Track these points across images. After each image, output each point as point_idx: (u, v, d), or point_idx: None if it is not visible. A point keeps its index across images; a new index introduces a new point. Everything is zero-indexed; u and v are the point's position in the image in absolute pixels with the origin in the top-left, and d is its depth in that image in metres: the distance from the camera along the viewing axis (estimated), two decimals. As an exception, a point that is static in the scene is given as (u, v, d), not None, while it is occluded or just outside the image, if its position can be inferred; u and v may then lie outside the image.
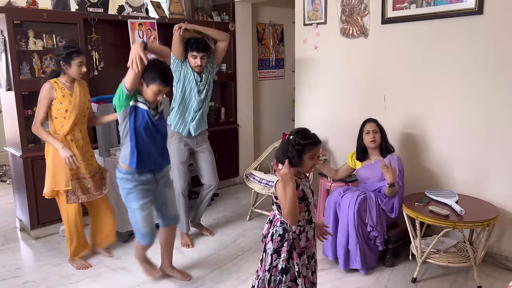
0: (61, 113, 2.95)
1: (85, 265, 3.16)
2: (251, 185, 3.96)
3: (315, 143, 2.05)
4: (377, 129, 3.13)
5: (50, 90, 2.91)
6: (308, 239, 2.10)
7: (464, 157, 3.18)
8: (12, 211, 4.18)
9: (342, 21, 3.79)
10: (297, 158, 2.02)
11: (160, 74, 2.45)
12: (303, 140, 2.03)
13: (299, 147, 2.03)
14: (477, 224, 2.67)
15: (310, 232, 2.11)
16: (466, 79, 3.10)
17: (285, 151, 2.05)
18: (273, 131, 5.68)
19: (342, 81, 3.91)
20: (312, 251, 2.14)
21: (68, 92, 2.96)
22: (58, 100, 2.92)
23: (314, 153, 2.06)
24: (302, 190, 2.06)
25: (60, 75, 2.98)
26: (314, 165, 2.09)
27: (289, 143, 2.05)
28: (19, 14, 3.42)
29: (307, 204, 2.08)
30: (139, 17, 4.10)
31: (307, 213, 2.08)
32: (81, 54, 2.95)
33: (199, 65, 3.30)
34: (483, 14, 2.96)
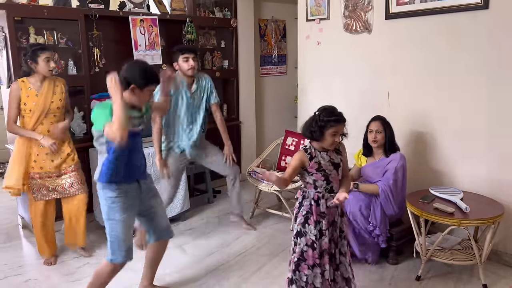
0: (26, 112, 2.99)
1: (50, 262, 3.18)
2: (254, 182, 3.94)
3: (338, 121, 2.20)
4: (381, 128, 3.07)
5: (16, 89, 2.95)
6: (327, 207, 2.25)
7: (469, 154, 3.15)
8: (14, 208, 4.17)
9: (345, 16, 3.75)
10: (318, 133, 2.20)
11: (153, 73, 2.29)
12: (327, 116, 2.19)
13: (321, 123, 2.19)
14: (482, 222, 2.64)
15: (331, 200, 2.24)
16: (472, 75, 3.07)
17: (309, 125, 2.23)
18: (275, 128, 5.65)
19: (345, 77, 3.87)
20: (332, 219, 2.28)
21: (34, 92, 2.96)
22: (23, 101, 2.95)
23: (336, 130, 2.20)
24: (317, 162, 2.23)
25: (31, 75, 2.99)
26: (335, 142, 2.23)
27: (313, 119, 2.22)
28: (20, 10, 3.40)
29: (325, 175, 2.24)
30: (140, 13, 4.07)
31: (325, 182, 2.25)
32: (46, 50, 2.95)
33: (192, 66, 3.29)
34: (488, 8, 2.91)
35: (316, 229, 2.24)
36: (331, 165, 2.26)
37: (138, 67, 2.26)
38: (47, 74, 2.98)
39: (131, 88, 2.22)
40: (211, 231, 3.74)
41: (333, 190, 2.27)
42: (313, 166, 2.23)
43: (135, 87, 2.22)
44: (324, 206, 2.25)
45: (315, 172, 2.24)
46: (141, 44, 4.06)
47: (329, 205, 2.25)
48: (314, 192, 2.27)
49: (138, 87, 2.22)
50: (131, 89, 2.22)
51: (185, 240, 3.56)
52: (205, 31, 4.81)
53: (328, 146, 2.24)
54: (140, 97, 2.27)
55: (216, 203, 4.43)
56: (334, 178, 2.27)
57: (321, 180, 2.25)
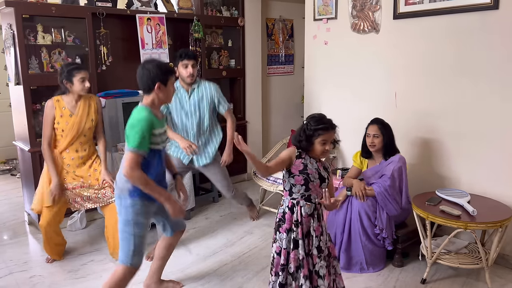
0: (58, 132, 3.00)
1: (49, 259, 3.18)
2: (259, 182, 3.93)
3: (326, 129, 2.12)
4: (379, 133, 3.02)
5: (51, 108, 2.95)
6: (302, 215, 2.16)
7: (476, 156, 3.11)
8: (21, 204, 4.21)
9: (353, 16, 3.72)
10: (305, 142, 2.14)
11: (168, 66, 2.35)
12: (315, 125, 2.12)
13: (309, 132, 2.13)
14: (490, 225, 2.60)
15: (305, 208, 2.16)
16: (481, 76, 3.02)
17: (297, 135, 2.18)
18: (281, 128, 5.63)
19: (352, 77, 3.85)
20: (307, 229, 2.18)
21: (68, 112, 2.97)
22: (56, 120, 2.96)
23: (325, 139, 2.13)
24: (304, 164, 2.16)
25: (66, 94, 2.99)
26: (326, 151, 2.15)
27: (302, 128, 2.17)
28: (28, 8, 3.42)
29: (306, 179, 2.14)
30: (147, 12, 4.07)
31: (303, 188, 2.15)
32: (82, 70, 2.94)
33: (191, 73, 3.24)
34: (498, 9, 2.87)
35: (288, 237, 2.17)
36: (317, 174, 2.17)
37: (153, 65, 2.25)
38: (82, 93, 2.98)
39: (157, 87, 2.23)
40: (215, 231, 3.74)
41: (310, 199, 2.18)
42: (298, 167, 2.15)
43: (160, 85, 2.24)
44: (298, 214, 2.16)
45: (297, 174, 2.15)
46: (148, 43, 4.06)
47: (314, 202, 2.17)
48: (289, 199, 2.19)
49: (163, 84, 2.25)
50: (157, 87, 2.23)
51: (189, 239, 3.55)
52: (212, 30, 4.81)
53: (319, 155, 2.18)
54: (166, 93, 2.29)
55: (221, 203, 4.43)
56: (315, 187, 2.17)
57: (300, 184, 2.15)
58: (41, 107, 3.63)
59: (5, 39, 3.57)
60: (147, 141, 2.17)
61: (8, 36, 3.47)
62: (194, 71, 3.27)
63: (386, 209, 2.93)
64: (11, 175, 5.62)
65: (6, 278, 2.96)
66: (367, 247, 2.94)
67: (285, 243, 2.17)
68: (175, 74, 2.34)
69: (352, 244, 2.95)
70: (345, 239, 2.94)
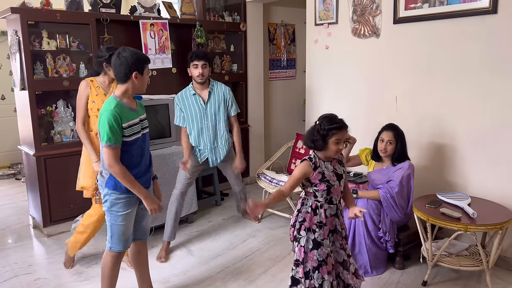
0: (93, 112, 2.97)
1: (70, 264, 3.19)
2: (262, 184, 3.96)
3: (339, 128, 2.17)
4: (393, 140, 3.00)
5: (85, 87, 2.96)
6: (326, 217, 2.24)
7: (477, 158, 3.13)
8: (26, 208, 4.25)
9: (354, 21, 3.76)
10: (321, 142, 2.18)
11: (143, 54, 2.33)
12: (328, 124, 2.17)
13: (323, 132, 2.17)
14: (490, 227, 2.62)
15: (329, 211, 2.25)
16: (480, 80, 3.05)
17: (311, 135, 2.21)
18: (284, 132, 5.67)
19: (353, 81, 3.88)
20: (332, 228, 2.27)
21: (102, 92, 2.99)
22: (92, 99, 2.96)
23: (339, 138, 2.17)
24: (321, 172, 2.21)
25: (100, 75, 3.01)
26: (340, 150, 2.20)
27: (315, 128, 2.20)
28: (33, 14, 3.47)
29: (328, 186, 2.21)
30: (151, 18, 4.12)
31: (325, 192, 2.22)
32: None
33: (201, 73, 3.31)
34: (497, 13, 2.90)
35: (306, 236, 2.23)
36: (334, 176, 2.24)
37: (131, 54, 2.23)
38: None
39: (134, 76, 2.24)
40: (218, 233, 3.77)
41: (332, 201, 2.25)
42: (317, 177, 2.21)
43: (137, 74, 2.25)
44: (322, 216, 2.23)
45: (318, 182, 2.22)
46: (151, 48, 4.11)
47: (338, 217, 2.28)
48: (313, 201, 2.25)
49: (139, 72, 2.26)
50: (134, 76, 2.24)
51: (192, 242, 3.58)
52: (215, 35, 4.85)
53: (333, 155, 2.23)
54: (142, 82, 2.30)
55: (223, 206, 4.46)
56: (336, 189, 2.25)
57: (322, 190, 2.22)
58: (45, 112, 3.68)
59: (11, 45, 3.63)
60: (117, 133, 2.18)
61: (14, 42, 3.52)
62: (204, 71, 3.33)
63: (390, 215, 2.94)
64: (16, 179, 5.67)
65: (11, 281, 2.99)
66: (372, 250, 2.95)
67: (303, 241, 2.24)
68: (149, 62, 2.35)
69: (356, 247, 2.96)
70: (349, 243, 2.95)
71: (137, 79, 2.26)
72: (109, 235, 2.41)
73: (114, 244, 2.42)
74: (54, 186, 3.64)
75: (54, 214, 3.70)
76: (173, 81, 4.49)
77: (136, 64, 2.23)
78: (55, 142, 3.74)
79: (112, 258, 2.45)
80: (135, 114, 2.31)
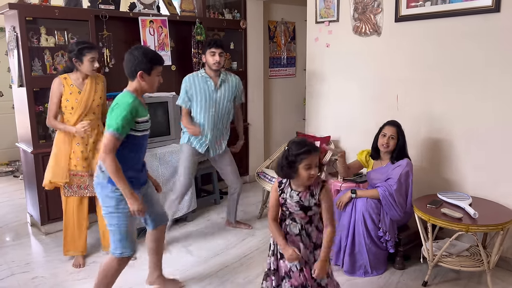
0: (67, 109, 2.99)
1: (78, 263, 3.14)
2: (262, 183, 3.93)
3: (308, 152, 2.00)
4: (395, 135, 3.00)
5: (58, 85, 2.95)
6: (287, 233, 2.17)
7: (478, 158, 3.11)
8: (23, 206, 4.23)
9: (355, 18, 3.73)
10: (288, 169, 2.03)
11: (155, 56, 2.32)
12: (296, 149, 2.01)
13: (292, 158, 2.02)
14: (491, 228, 2.60)
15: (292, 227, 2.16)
16: (483, 78, 3.03)
17: (279, 163, 2.08)
18: (284, 130, 5.64)
19: (354, 79, 3.85)
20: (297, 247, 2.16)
21: (76, 90, 2.96)
22: (65, 97, 2.96)
23: (309, 163, 2.00)
24: (284, 198, 2.12)
25: (73, 71, 2.99)
26: (312, 176, 2.02)
27: (283, 155, 2.06)
28: (31, 10, 3.44)
29: (288, 212, 2.14)
30: (150, 15, 4.09)
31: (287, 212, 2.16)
32: (92, 50, 2.94)
33: (217, 61, 3.31)
34: (500, 11, 2.88)
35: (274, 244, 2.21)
36: (297, 206, 2.10)
37: (139, 53, 2.24)
38: (90, 73, 2.99)
39: (140, 75, 2.24)
40: (217, 232, 3.74)
41: (295, 220, 2.16)
42: (280, 200, 2.16)
43: (143, 73, 2.24)
44: (283, 229, 2.18)
45: (281, 204, 2.17)
46: (151, 45, 4.08)
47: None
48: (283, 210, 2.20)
49: (146, 72, 2.25)
50: (140, 75, 2.24)
51: (190, 241, 3.56)
52: (214, 33, 4.82)
53: (305, 182, 2.06)
54: (149, 82, 2.29)
55: (222, 205, 4.43)
56: (298, 215, 2.14)
57: (284, 211, 2.18)
58: (44, 109, 3.65)
59: (9, 41, 3.60)
60: (128, 126, 2.19)
61: (12, 38, 3.49)
62: (221, 60, 3.34)
63: (390, 213, 2.93)
64: (14, 177, 5.65)
65: (8, 279, 2.97)
66: (371, 250, 2.93)
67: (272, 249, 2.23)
68: (161, 65, 2.33)
69: (356, 247, 2.94)
70: (349, 242, 2.94)
71: (143, 79, 2.25)
72: (117, 240, 2.31)
73: (124, 248, 2.32)
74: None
75: (52, 211, 3.67)
76: (173, 78, 4.46)
77: (143, 64, 2.23)
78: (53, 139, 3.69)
79: (121, 264, 2.36)
80: (146, 111, 2.34)
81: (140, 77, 2.24)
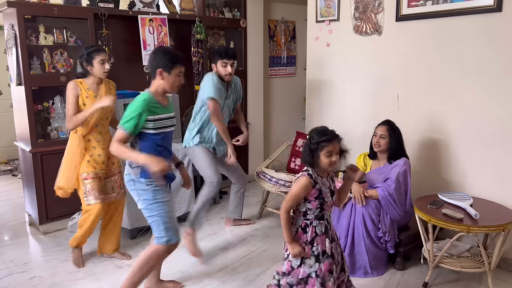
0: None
1: (79, 262, 3.10)
2: (261, 183, 3.91)
3: (329, 140, 2.07)
4: (386, 134, 3.01)
5: (74, 86, 2.87)
6: (316, 234, 2.16)
7: (479, 159, 3.09)
8: (22, 205, 4.21)
9: (355, 18, 3.72)
10: (311, 157, 2.10)
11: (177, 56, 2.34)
12: (317, 138, 2.08)
13: (313, 146, 2.09)
14: (492, 229, 2.59)
15: (319, 227, 2.17)
16: (483, 79, 3.01)
17: (304, 151, 2.15)
18: (283, 130, 5.62)
19: (354, 79, 3.84)
20: (322, 248, 2.16)
21: (92, 94, 2.92)
22: (82, 101, 2.89)
23: (330, 150, 2.08)
24: (318, 189, 2.13)
25: (87, 77, 2.94)
26: (333, 162, 2.10)
27: (306, 144, 2.13)
28: (30, 8, 3.42)
29: (321, 203, 2.14)
30: (150, 13, 4.07)
31: (318, 210, 2.15)
32: (101, 52, 2.89)
33: (230, 73, 3.30)
34: (502, 11, 2.86)
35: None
36: (329, 192, 2.17)
37: (160, 52, 2.31)
38: (102, 76, 2.93)
39: (159, 72, 2.28)
40: (216, 232, 3.73)
41: (323, 217, 2.18)
42: (314, 194, 2.13)
43: (162, 71, 2.28)
44: (310, 234, 2.16)
45: (313, 199, 2.13)
46: (150, 44, 4.06)
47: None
48: (303, 220, 2.18)
49: (165, 71, 2.28)
50: (159, 73, 2.28)
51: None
52: (214, 31, 4.80)
53: (327, 168, 2.13)
54: (169, 81, 2.32)
55: (222, 204, 4.42)
56: (328, 206, 2.18)
57: (315, 208, 2.14)
58: (42, 108, 3.63)
59: (7, 39, 3.57)
60: (138, 124, 2.24)
61: (10, 36, 3.47)
62: (233, 70, 3.33)
63: (390, 213, 2.92)
64: (12, 176, 5.62)
65: (6, 279, 2.95)
66: (371, 250, 2.92)
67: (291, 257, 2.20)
68: (183, 66, 2.36)
69: (356, 247, 2.93)
70: (349, 243, 2.92)
71: (162, 77, 2.30)
72: (161, 230, 2.38)
73: (171, 236, 2.40)
74: (50, 183, 3.57)
75: (50, 211, 3.65)
76: (172, 77, 4.44)
77: (163, 62, 2.28)
78: (52, 138, 3.69)
79: (166, 252, 2.43)
80: (163, 110, 2.36)
81: (159, 75, 2.30)
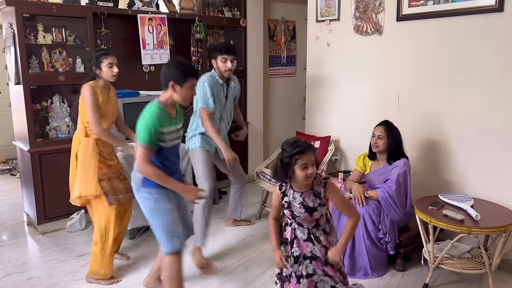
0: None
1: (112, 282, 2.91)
2: (261, 183, 3.90)
3: (302, 152, 1.94)
4: (383, 135, 2.99)
5: (92, 90, 2.77)
6: (296, 237, 2.14)
7: (480, 159, 3.07)
8: (20, 205, 4.19)
9: (356, 17, 3.70)
10: (283, 172, 1.99)
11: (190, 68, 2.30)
12: (290, 150, 1.95)
13: (286, 160, 1.97)
14: (493, 230, 2.57)
15: (299, 232, 2.13)
16: (484, 79, 2.99)
17: (275, 166, 2.05)
18: (283, 130, 5.60)
19: (354, 79, 3.82)
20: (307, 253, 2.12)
21: (106, 98, 2.88)
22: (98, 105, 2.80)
23: (305, 162, 1.95)
24: (287, 201, 2.10)
25: (96, 80, 2.87)
26: (309, 175, 1.97)
27: (278, 158, 2.03)
28: (29, 7, 3.39)
29: (292, 215, 2.12)
30: (149, 12, 4.05)
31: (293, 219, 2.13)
32: (109, 55, 2.83)
33: (229, 68, 3.26)
34: (503, 11, 2.84)
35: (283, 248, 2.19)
36: (302, 208, 2.06)
37: (173, 64, 2.27)
38: (111, 79, 2.87)
39: (171, 85, 2.23)
40: (215, 233, 3.70)
41: (302, 225, 2.13)
42: (284, 204, 2.13)
43: (174, 84, 2.23)
44: (288, 234, 2.15)
45: (285, 208, 2.15)
46: (149, 43, 4.04)
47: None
48: (286, 217, 2.18)
49: (177, 84, 2.23)
50: (171, 86, 2.23)
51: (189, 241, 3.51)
52: (214, 31, 4.78)
53: (303, 182, 2.01)
54: (182, 94, 2.27)
55: (221, 205, 4.40)
56: (305, 219, 2.09)
57: (289, 216, 2.14)
58: (41, 107, 3.61)
59: (6, 38, 3.55)
60: (154, 137, 2.18)
61: (9, 35, 3.45)
62: (233, 66, 3.30)
63: (390, 215, 2.90)
64: (11, 175, 5.60)
65: (3, 280, 2.93)
66: (371, 251, 2.90)
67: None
68: (196, 79, 2.33)
69: (356, 248, 2.91)
70: (349, 244, 2.91)
71: (174, 90, 2.24)
72: (164, 240, 2.32)
73: (173, 244, 2.33)
74: (49, 183, 3.58)
75: (48, 211, 3.63)
76: (171, 77, 4.42)
77: (176, 75, 2.22)
78: (50, 138, 3.67)
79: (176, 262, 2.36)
80: (172, 122, 2.31)
81: (171, 87, 2.24)
